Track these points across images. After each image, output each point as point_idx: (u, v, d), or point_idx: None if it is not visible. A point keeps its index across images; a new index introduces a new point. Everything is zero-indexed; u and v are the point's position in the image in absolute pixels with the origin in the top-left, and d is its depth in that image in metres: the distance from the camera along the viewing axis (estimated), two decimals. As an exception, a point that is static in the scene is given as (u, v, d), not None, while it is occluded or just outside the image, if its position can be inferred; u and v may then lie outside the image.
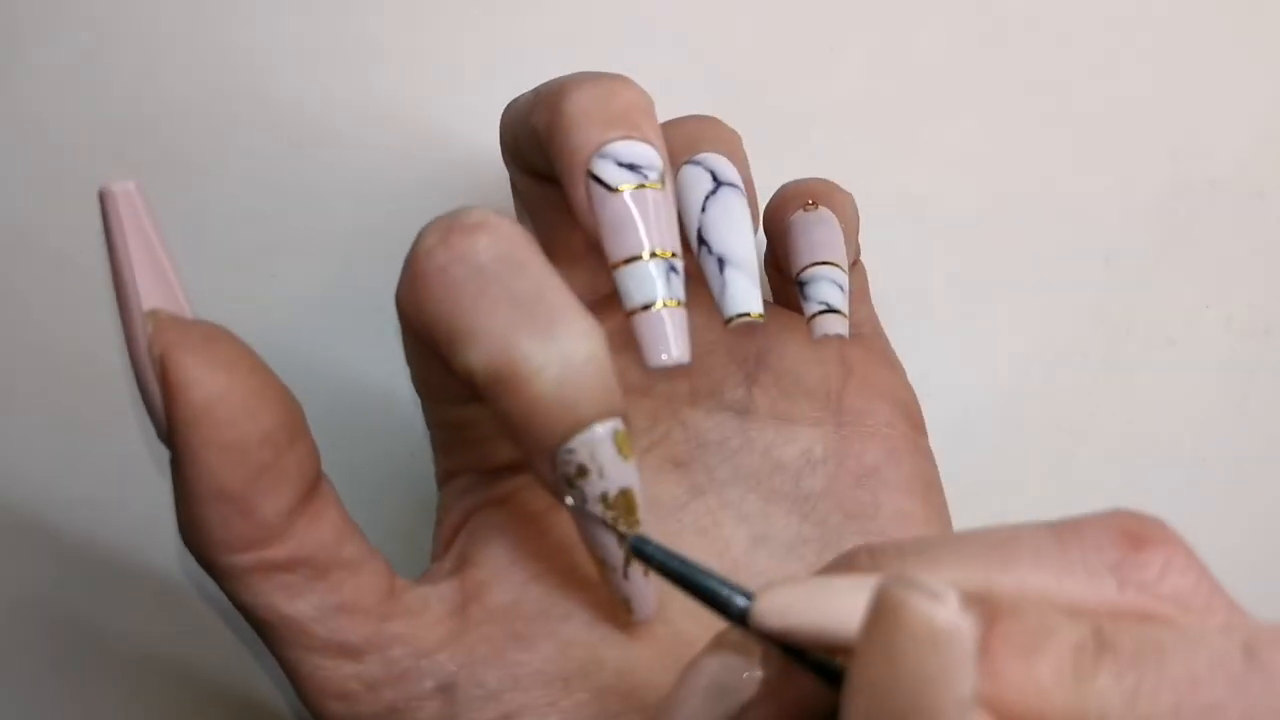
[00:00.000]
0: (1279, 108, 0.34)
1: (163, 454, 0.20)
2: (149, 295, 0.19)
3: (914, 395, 0.27)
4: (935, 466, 0.26)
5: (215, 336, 0.19)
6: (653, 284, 0.21)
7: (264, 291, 0.32)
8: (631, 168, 0.21)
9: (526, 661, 0.21)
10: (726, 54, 0.33)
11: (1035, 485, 0.34)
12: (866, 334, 0.27)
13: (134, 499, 0.32)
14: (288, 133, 0.31)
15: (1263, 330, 0.34)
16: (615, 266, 0.21)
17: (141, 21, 0.31)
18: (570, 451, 0.19)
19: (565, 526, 0.22)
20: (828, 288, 0.24)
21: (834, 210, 0.25)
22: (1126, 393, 0.34)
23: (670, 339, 0.20)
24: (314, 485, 0.21)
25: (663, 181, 0.21)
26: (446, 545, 0.24)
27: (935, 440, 0.33)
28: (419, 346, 0.21)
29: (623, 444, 0.19)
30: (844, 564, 0.17)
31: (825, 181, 0.26)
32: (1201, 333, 0.34)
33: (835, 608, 0.15)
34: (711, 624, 0.23)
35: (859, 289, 0.27)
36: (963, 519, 0.32)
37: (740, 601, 0.16)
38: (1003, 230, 0.33)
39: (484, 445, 0.23)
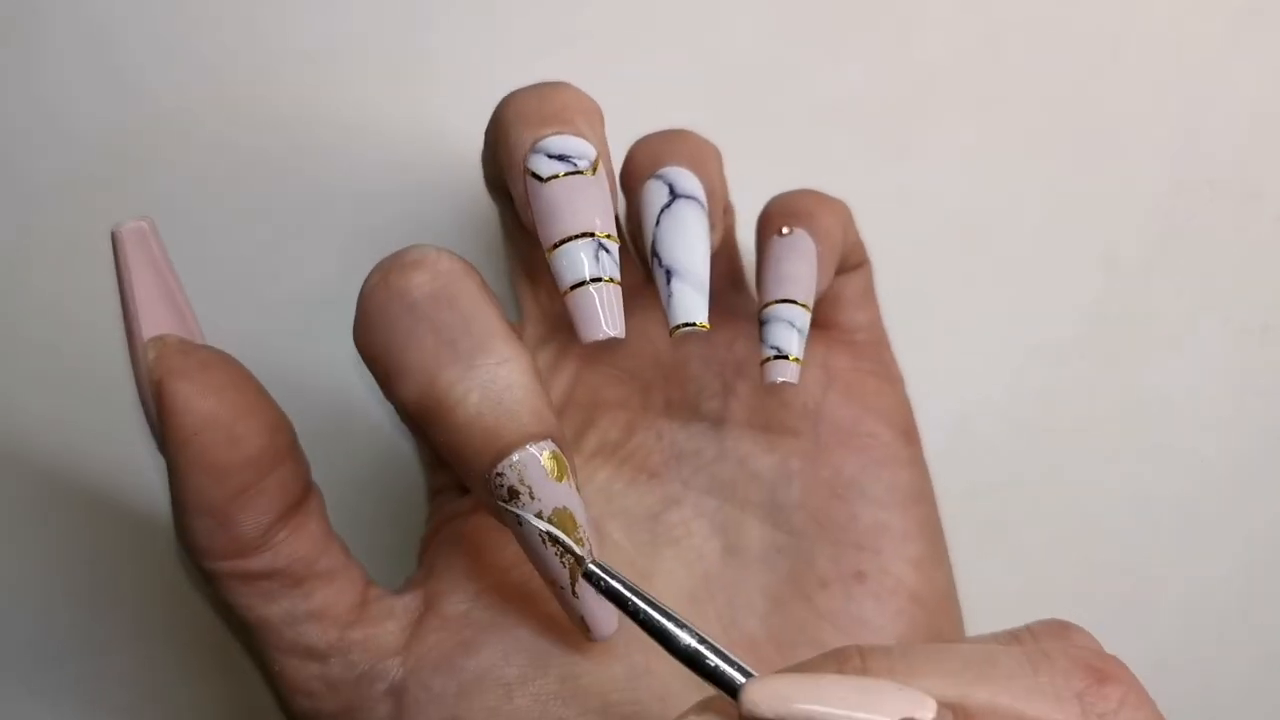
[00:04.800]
0: (1277, 108, 0.34)
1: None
2: (152, 326, 0.21)
3: (906, 404, 0.27)
4: (925, 477, 0.26)
5: (212, 363, 0.21)
6: (580, 264, 0.21)
7: (265, 291, 0.32)
8: (561, 158, 0.22)
9: (470, 668, 0.22)
10: (726, 54, 0.33)
11: (1035, 485, 0.34)
12: (860, 340, 0.27)
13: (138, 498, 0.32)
14: (291, 135, 0.31)
15: (1260, 328, 0.34)
16: (547, 253, 0.21)
17: (144, 26, 0.31)
18: (500, 475, 0.20)
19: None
20: (783, 331, 0.23)
21: (815, 228, 0.24)
22: (1125, 392, 0.34)
23: (600, 315, 0.21)
24: (298, 501, 0.22)
25: (594, 169, 0.22)
26: (422, 553, 0.25)
27: (935, 440, 0.33)
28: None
29: (554, 466, 0.20)
30: (834, 661, 0.18)
31: (811, 194, 0.25)
32: (1200, 332, 0.34)
33: (827, 702, 0.17)
34: None
35: (860, 293, 0.27)
36: (963, 519, 0.32)
37: (728, 677, 0.18)
38: (1003, 230, 0.33)
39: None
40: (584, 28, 0.32)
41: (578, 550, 0.20)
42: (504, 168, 0.22)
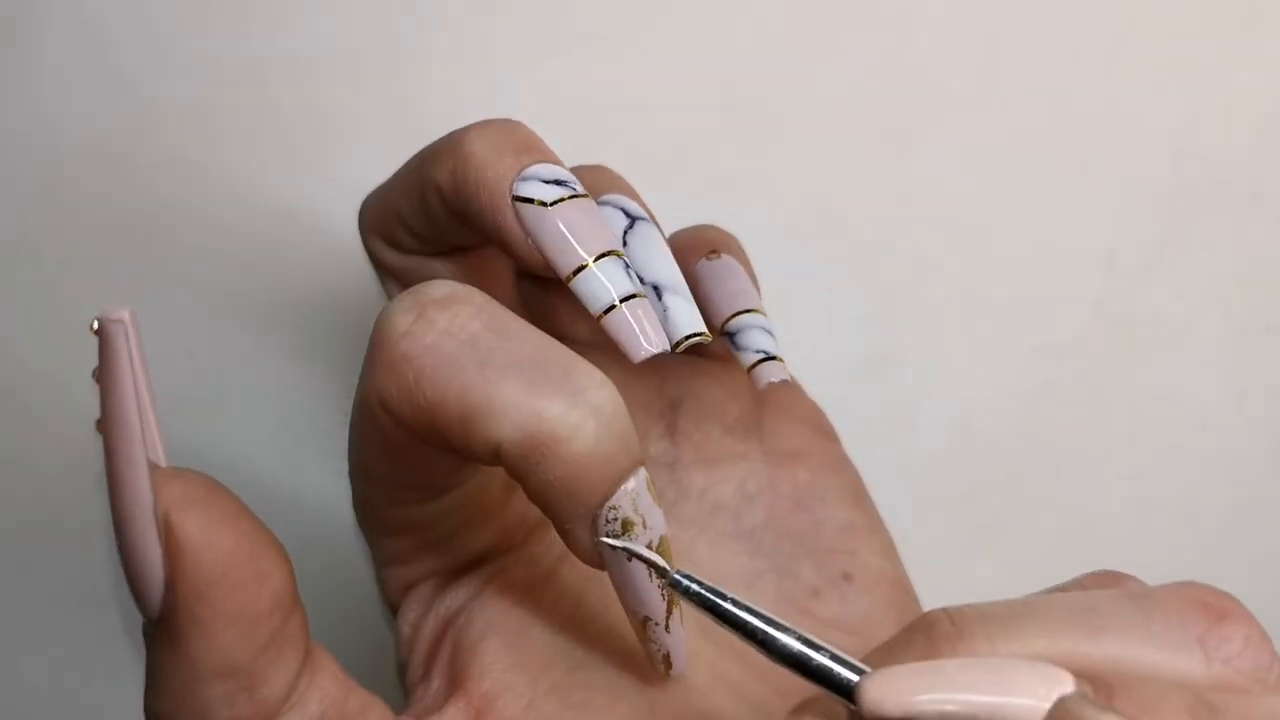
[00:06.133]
0: (1277, 108, 0.34)
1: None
2: (151, 446, 0.17)
3: (819, 408, 0.27)
4: (857, 472, 0.26)
5: (214, 488, 0.18)
6: (613, 283, 0.21)
7: (262, 294, 0.32)
8: (558, 183, 0.21)
9: None
10: (726, 54, 0.33)
11: (1035, 485, 0.34)
12: None
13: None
14: (290, 136, 0.31)
15: (1262, 329, 0.34)
16: (569, 279, 0.21)
17: (143, 27, 0.31)
18: (614, 508, 0.18)
19: (556, 605, 0.22)
20: (759, 335, 0.23)
21: (734, 252, 0.25)
22: (1126, 392, 0.34)
23: (648, 330, 0.20)
24: (308, 637, 0.19)
25: (586, 194, 0.21)
26: (428, 663, 0.22)
27: (935, 440, 0.33)
28: (389, 445, 0.19)
29: (653, 488, 0.19)
30: (925, 630, 0.16)
31: (711, 227, 0.26)
32: (1201, 332, 0.34)
33: (956, 690, 0.15)
34: (712, 669, 0.23)
35: None
36: (963, 518, 0.32)
37: (843, 676, 0.16)
38: (1003, 230, 0.33)
39: (452, 541, 0.22)
40: (583, 29, 0.32)
41: (676, 577, 0.19)
42: (482, 202, 0.21)
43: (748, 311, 0.24)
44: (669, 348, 0.21)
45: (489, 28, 0.32)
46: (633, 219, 0.23)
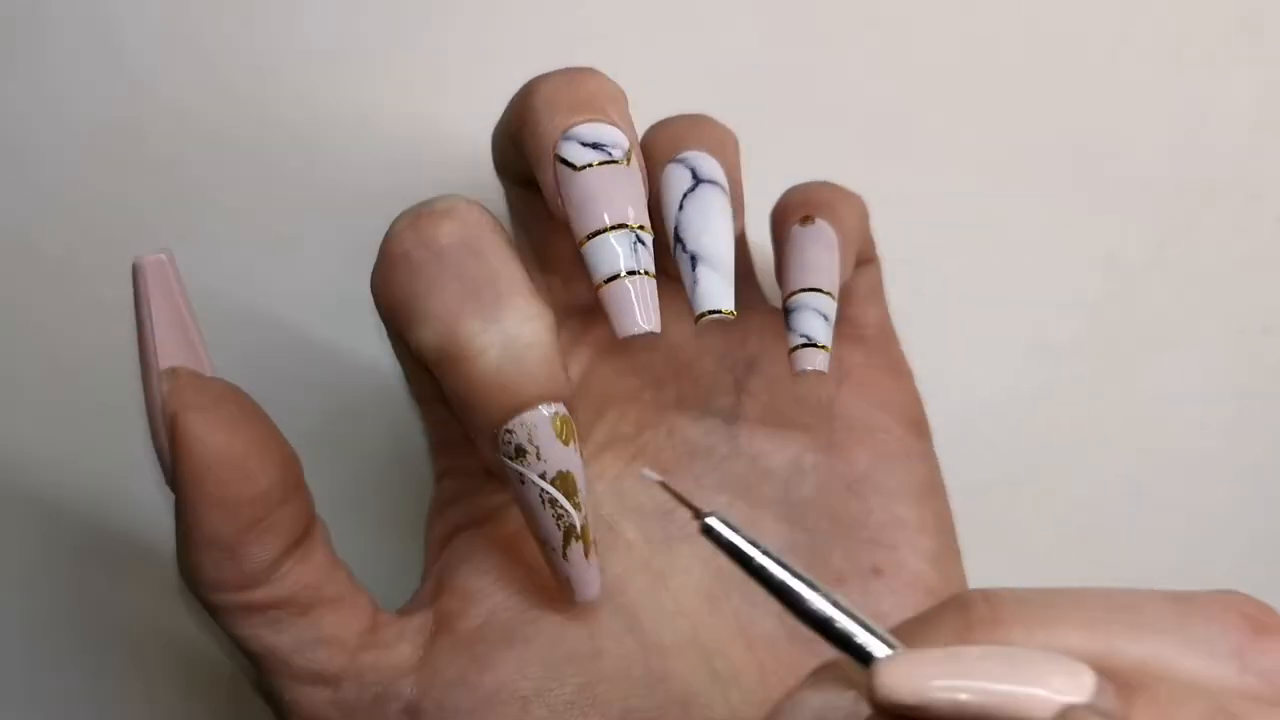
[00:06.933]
0: (1277, 109, 0.34)
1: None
2: (167, 358, 0.21)
3: (917, 398, 0.27)
4: (937, 471, 0.26)
5: (226, 397, 0.21)
6: (616, 256, 0.20)
7: (266, 291, 0.32)
8: (596, 146, 0.21)
9: (484, 684, 0.22)
10: (727, 55, 0.33)
11: (1035, 485, 0.34)
12: (870, 336, 0.27)
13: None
14: (295, 135, 0.31)
15: (1261, 329, 0.34)
16: (582, 244, 0.21)
17: (150, 24, 0.31)
18: (509, 432, 0.20)
19: (535, 548, 0.22)
20: (810, 319, 0.23)
21: (835, 219, 0.24)
22: (1126, 393, 0.34)
23: (637, 309, 0.20)
24: (304, 533, 0.22)
25: (628, 159, 0.21)
26: (433, 560, 0.25)
27: (936, 441, 0.33)
28: (393, 337, 0.22)
29: (562, 429, 0.20)
30: (959, 610, 0.16)
31: (829, 186, 0.25)
32: (1200, 333, 0.34)
33: (973, 679, 0.15)
34: (693, 631, 0.23)
35: (870, 289, 0.27)
36: (963, 518, 0.32)
37: (861, 644, 0.16)
38: (1003, 230, 0.33)
39: (464, 445, 0.23)
40: (584, 30, 0.32)
41: (574, 515, 0.21)
42: (531, 154, 0.22)
43: (811, 290, 0.23)
44: (656, 330, 0.20)
45: (491, 28, 0.32)
46: (698, 181, 0.22)
